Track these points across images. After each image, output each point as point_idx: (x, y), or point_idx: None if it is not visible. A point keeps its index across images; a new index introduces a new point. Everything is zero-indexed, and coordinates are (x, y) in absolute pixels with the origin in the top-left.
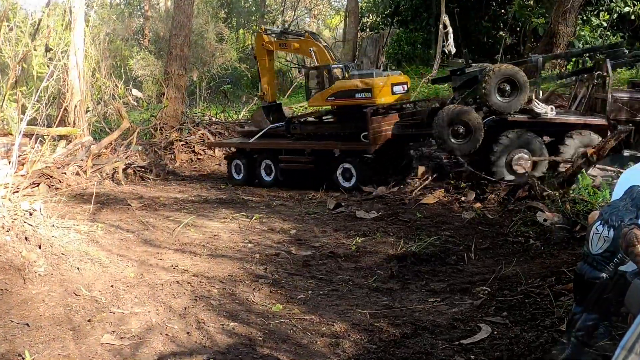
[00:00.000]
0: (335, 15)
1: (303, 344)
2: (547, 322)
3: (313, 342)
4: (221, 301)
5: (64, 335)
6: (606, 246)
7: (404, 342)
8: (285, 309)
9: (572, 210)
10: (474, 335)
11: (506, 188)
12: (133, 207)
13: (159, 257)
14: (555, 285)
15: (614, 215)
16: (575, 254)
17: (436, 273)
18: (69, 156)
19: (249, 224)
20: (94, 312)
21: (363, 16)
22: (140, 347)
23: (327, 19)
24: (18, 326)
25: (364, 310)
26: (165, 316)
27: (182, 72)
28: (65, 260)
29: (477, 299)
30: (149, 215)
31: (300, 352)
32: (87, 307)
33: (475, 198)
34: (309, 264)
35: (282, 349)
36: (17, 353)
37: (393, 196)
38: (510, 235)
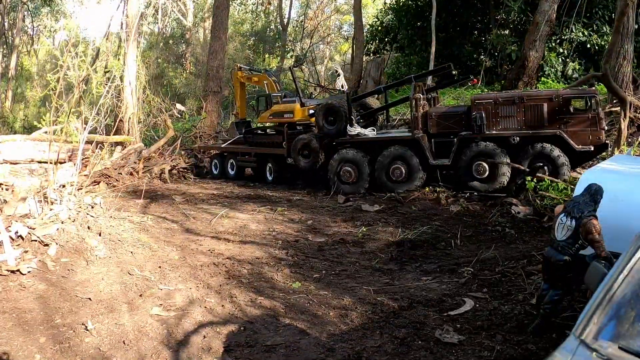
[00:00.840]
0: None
1: (318, 315)
2: (520, 297)
3: (326, 314)
4: (250, 279)
5: (120, 308)
6: (569, 234)
7: (401, 314)
8: (303, 285)
9: (541, 204)
10: (459, 307)
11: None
12: (177, 202)
13: (199, 243)
14: (527, 266)
15: (576, 208)
16: (543, 241)
17: (428, 256)
18: (123, 159)
19: (273, 215)
20: (144, 289)
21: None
22: (184, 317)
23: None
24: (81, 300)
25: (369, 287)
26: (203, 292)
27: (217, 90)
28: (121, 245)
29: (462, 278)
30: (189, 208)
31: (316, 322)
32: (139, 284)
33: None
34: (322, 249)
35: (300, 319)
36: (80, 322)
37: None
38: (490, 225)
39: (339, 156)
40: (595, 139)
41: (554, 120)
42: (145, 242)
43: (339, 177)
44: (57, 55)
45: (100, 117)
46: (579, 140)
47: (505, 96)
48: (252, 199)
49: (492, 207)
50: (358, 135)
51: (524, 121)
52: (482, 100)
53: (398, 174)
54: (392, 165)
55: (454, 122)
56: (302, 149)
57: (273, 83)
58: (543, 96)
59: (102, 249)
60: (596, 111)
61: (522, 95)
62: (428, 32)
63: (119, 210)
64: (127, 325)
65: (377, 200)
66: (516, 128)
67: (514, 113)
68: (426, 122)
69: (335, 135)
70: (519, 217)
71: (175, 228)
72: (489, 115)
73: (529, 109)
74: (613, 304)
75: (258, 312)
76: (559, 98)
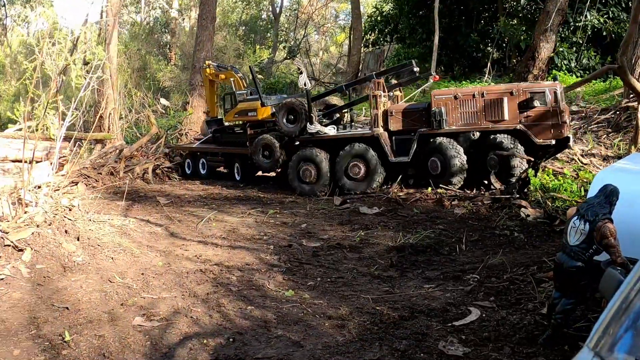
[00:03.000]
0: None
1: (312, 325)
2: (529, 306)
3: (321, 324)
4: (239, 287)
5: (99, 318)
6: (582, 238)
7: (402, 324)
8: (297, 294)
9: (552, 206)
10: (464, 317)
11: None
12: (161, 204)
13: (184, 248)
14: (537, 273)
15: (590, 211)
16: (554, 246)
17: (431, 262)
18: (104, 158)
19: (264, 218)
20: (126, 297)
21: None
22: (168, 328)
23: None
24: (59, 309)
25: (367, 295)
26: (189, 301)
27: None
28: (101, 250)
29: (467, 286)
30: (174, 211)
31: (310, 333)
32: (121, 292)
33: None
34: (317, 254)
35: (293, 330)
36: (58, 333)
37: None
38: (497, 229)
39: (299, 155)
40: (557, 133)
41: (514, 114)
42: (126, 247)
43: (298, 177)
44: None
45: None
46: (539, 134)
47: (465, 91)
48: (242, 200)
49: (499, 209)
50: (318, 133)
51: (484, 116)
52: (442, 95)
53: (356, 172)
54: (351, 164)
55: (414, 119)
56: (263, 148)
57: (240, 80)
58: (503, 90)
59: (81, 255)
60: (557, 105)
61: (482, 90)
62: (431, 21)
63: (98, 213)
64: (107, 337)
65: (376, 202)
66: (477, 123)
67: (475, 108)
68: (387, 120)
69: (295, 134)
70: (529, 220)
71: (159, 232)
72: (449, 111)
73: (490, 103)
74: (630, 313)
75: (248, 323)
76: (520, 92)
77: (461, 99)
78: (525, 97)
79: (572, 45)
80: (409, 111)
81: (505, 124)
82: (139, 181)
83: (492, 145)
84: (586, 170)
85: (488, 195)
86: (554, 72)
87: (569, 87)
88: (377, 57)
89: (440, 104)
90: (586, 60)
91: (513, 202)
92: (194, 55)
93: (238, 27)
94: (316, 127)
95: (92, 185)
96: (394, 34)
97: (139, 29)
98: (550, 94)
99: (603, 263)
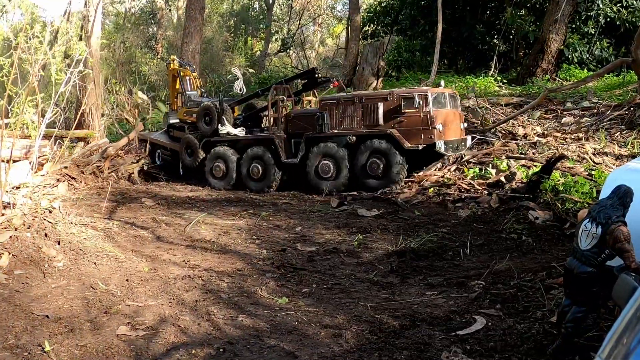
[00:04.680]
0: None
1: (308, 335)
2: (538, 314)
3: (317, 333)
4: (230, 294)
5: (81, 327)
6: (594, 242)
7: (403, 333)
8: (291, 301)
9: (562, 208)
10: (469, 326)
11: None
12: (147, 206)
13: (172, 253)
14: (546, 279)
15: (602, 213)
16: (565, 250)
17: (434, 268)
18: (86, 157)
19: (256, 221)
20: (110, 305)
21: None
22: (154, 338)
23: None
24: (38, 318)
25: (365, 303)
26: (177, 309)
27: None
28: (83, 255)
29: (472, 292)
30: (162, 213)
31: (305, 343)
32: (104, 300)
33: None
34: (313, 259)
35: (287, 340)
36: (37, 343)
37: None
38: (504, 232)
39: (212, 153)
40: (426, 138)
41: (389, 119)
42: (110, 251)
43: (211, 172)
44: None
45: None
46: (410, 139)
47: (347, 96)
48: (233, 202)
49: (506, 212)
50: (228, 134)
51: (362, 120)
52: (327, 100)
53: (256, 172)
54: (252, 164)
55: (307, 123)
56: (187, 147)
57: (195, 80)
58: (379, 96)
59: (62, 260)
60: (428, 111)
61: (361, 96)
62: (434, 12)
63: (80, 216)
64: (90, 347)
65: (375, 204)
66: (355, 127)
67: (354, 113)
68: (287, 123)
69: (210, 134)
70: (537, 223)
71: (144, 236)
72: (333, 115)
73: (367, 108)
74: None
75: (239, 332)
76: (394, 97)
77: (343, 104)
78: (399, 102)
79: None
80: (302, 115)
81: (378, 128)
82: (124, 181)
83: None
84: (598, 169)
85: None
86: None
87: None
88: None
89: (326, 108)
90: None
91: (521, 204)
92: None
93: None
94: (226, 128)
95: (73, 186)
96: (394, 25)
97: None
98: (419, 100)
99: (616, 268)
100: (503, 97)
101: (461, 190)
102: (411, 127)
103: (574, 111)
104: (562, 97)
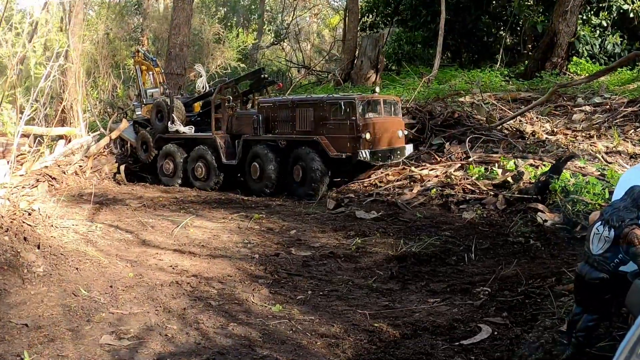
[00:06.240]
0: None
1: (302, 345)
2: (547, 322)
3: (312, 343)
4: (220, 302)
5: (62, 336)
6: (607, 246)
7: (403, 343)
8: (285, 309)
9: (573, 210)
10: (474, 335)
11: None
12: (132, 207)
13: (158, 258)
14: (555, 285)
15: (615, 216)
16: (575, 255)
17: (436, 273)
18: (68, 156)
19: (248, 224)
20: (92, 313)
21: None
22: (139, 347)
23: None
24: (17, 327)
25: (364, 310)
26: (164, 317)
27: (181, 72)
28: (64, 260)
29: (477, 300)
30: (148, 215)
31: (300, 353)
32: (86, 307)
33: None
34: (308, 265)
35: (281, 350)
36: (16, 354)
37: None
38: (511, 236)
39: (163, 150)
40: (353, 147)
41: (318, 126)
42: (93, 256)
43: (162, 170)
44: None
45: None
46: (336, 146)
47: (282, 100)
48: (223, 204)
49: (513, 214)
50: (177, 132)
51: (294, 125)
52: (265, 103)
53: (199, 172)
54: (196, 163)
55: (248, 125)
56: (142, 143)
57: (158, 74)
58: (312, 101)
59: (42, 265)
60: (354, 119)
61: (295, 100)
62: (436, 1)
63: (62, 218)
64: (71, 357)
65: (374, 206)
66: (289, 132)
67: (288, 117)
68: (231, 124)
69: (162, 131)
70: (546, 226)
71: (129, 239)
72: (269, 119)
73: (300, 113)
74: None
75: (230, 342)
76: (324, 104)
77: (278, 108)
78: (329, 109)
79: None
80: (243, 117)
81: (308, 134)
82: (108, 182)
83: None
84: (611, 169)
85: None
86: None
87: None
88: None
89: (264, 111)
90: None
91: (529, 205)
92: (168, 40)
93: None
94: (175, 126)
95: (54, 187)
96: (394, 16)
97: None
98: (346, 107)
99: (630, 274)
100: (510, 93)
101: (465, 191)
102: (338, 135)
103: (585, 107)
104: (572, 93)
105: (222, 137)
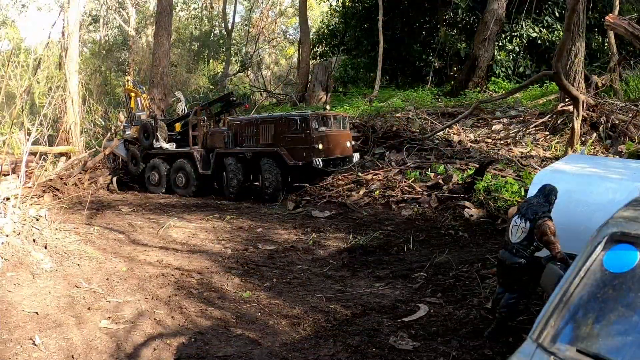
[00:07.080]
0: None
1: (269, 324)
2: (475, 301)
3: (278, 323)
4: (200, 290)
5: (68, 322)
6: (524, 236)
7: (354, 321)
8: (254, 295)
9: (494, 206)
10: (413, 313)
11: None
12: (123, 212)
13: (147, 254)
14: (481, 269)
15: (530, 210)
16: (497, 243)
17: (381, 262)
18: (68, 170)
19: (221, 224)
20: (92, 302)
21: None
22: (133, 330)
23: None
24: (29, 315)
25: (320, 294)
26: (152, 303)
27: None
28: (67, 258)
29: (415, 283)
30: (137, 218)
31: (267, 331)
32: (87, 297)
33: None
34: (273, 257)
35: (251, 329)
36: (28, 337)
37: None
38: (443, 229)
39: (149, 164)
40: (308, 156)
41: (278, 139)
42: (91, 254)
43: (149, 180)
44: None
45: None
46: (294, 156)
47: (247, 119)
48: (201, 208)
49: (444, 210)
50: (161, 148)
51: (258, 140)
52: (234, 122)
53: (180, 181)
54: (178, 174)
55: (220, 140)
56: (132, 158)
57: (145, 100)
58: (272, 119)
59: (48, 262)
60: (309, 132)
61: (258, 118)
62: (375, 33)
63: (64, 222)
64: (75, 339)
65: (327, 207)
66: (254, 145)
67: (253, 133)
68: (206, 140)
69: (148, 148)
70: (472, 220)
71: (122, 239)
72: (238, 135)
73: (263, 129)
74: (570, 306)
75: (208, 323)
76: (282, 120)
77: (244, 125)
78: (287, 125)
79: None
80: (216, 133)
81: (270, 147)
82: (102, 191)
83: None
84: (526, 171)
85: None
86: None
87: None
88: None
89: (233, 128)
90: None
91: (457, 203)
92: (151, 71)
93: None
94: (160, 143)
95: (58, 196)
96: (340, 46)
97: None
98: (302, 122)
99: (544, 259)
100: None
101: (404, 192)
102: (295, 147)
103: (502, 119)
104: (492, 107)
105: (198, 151)
